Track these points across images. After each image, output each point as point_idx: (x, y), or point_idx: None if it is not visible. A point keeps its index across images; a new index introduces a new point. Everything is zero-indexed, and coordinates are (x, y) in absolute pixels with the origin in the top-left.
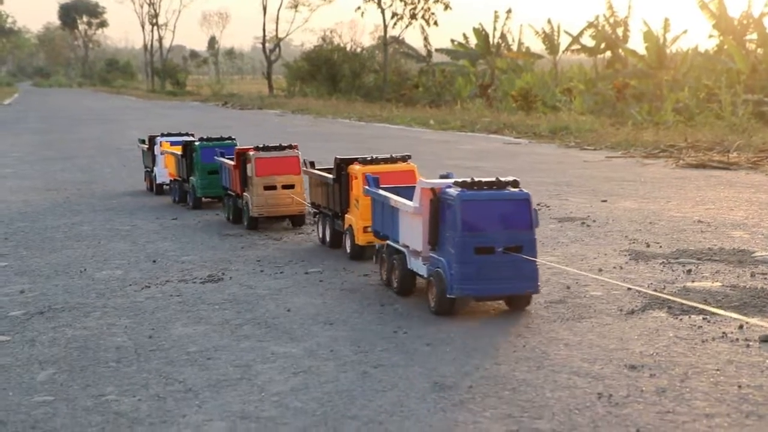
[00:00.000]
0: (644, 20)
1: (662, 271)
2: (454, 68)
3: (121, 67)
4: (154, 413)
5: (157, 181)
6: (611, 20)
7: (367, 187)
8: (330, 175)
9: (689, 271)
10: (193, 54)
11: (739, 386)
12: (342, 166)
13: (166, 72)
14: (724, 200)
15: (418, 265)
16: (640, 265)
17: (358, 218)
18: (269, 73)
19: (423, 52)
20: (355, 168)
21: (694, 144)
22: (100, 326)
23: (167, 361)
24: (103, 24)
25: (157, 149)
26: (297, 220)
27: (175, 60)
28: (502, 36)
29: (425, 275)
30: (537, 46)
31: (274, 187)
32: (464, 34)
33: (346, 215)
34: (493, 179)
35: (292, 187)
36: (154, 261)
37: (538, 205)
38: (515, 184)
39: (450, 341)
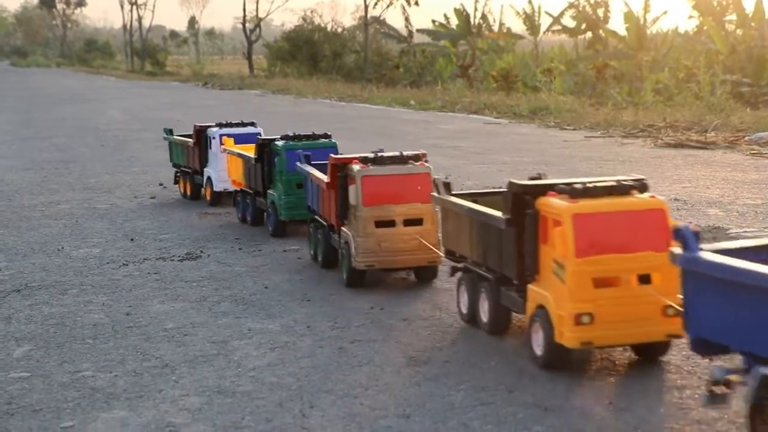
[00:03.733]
0: (625, 1)
1: None
2: (435, 49)
3: (100, 47)
4: (130, 388)
5: (216, 188)
6: (592, 1)
7: (688, 253)
8: (496, 213)
9: None
10: (173, 34)
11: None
12: (523, 198)
13: (145, 52)
14: (700, 179)
15: None
16: None
17: (561, 297)
18: (250, 53)
19: (404, 32)
20: (554, 204)
21: (672, 124)
22: (77, 303)
23: (144, 338)
24: (81, 3)
25: (215, 146)
26: (426, 273)
27: (155, 40)
28: (483, 16)
29: None
30: (518, 26)
31: (391, 223)
32: (445, 15)
33: (530, 287)
34: None
35: (419, 222)
36: (132, 239)
37: None
38: None
39: (426, 317)
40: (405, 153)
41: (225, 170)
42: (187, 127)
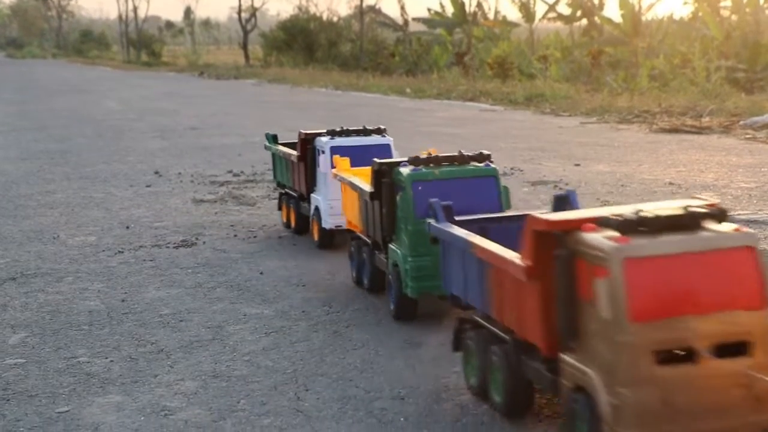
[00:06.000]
0: None
1: None
2: (431, 37)
3: (96, 38)
4: (125, 373)
5: (325, 224)
6: None
7: None
8: None
9: None
10: (169, 24)
11: None
12: None
13: (141, 42)
14: (695, 163)
15: None
16: None
17: None
18: (245, 42)
19: (399, 21)
20: None
21: (667, 109)
22: (72, 291)
23: (139, 324)
24: None
25: (324, 163)
26: None
27: (151, 30)
28: (479, 4)
29: None
30: (513, 14)
31: (688, 356)
32: (441, 3)
33: None
34: None
35: (741, 350)
36: (128, 227)
37: (512, 169)
38: None
39: (420, 302)
40: (689, 207)
41: (337, 199)
42: (181, 119)
